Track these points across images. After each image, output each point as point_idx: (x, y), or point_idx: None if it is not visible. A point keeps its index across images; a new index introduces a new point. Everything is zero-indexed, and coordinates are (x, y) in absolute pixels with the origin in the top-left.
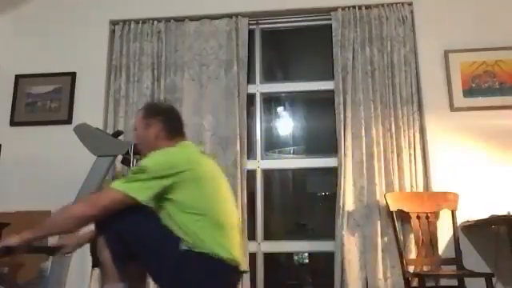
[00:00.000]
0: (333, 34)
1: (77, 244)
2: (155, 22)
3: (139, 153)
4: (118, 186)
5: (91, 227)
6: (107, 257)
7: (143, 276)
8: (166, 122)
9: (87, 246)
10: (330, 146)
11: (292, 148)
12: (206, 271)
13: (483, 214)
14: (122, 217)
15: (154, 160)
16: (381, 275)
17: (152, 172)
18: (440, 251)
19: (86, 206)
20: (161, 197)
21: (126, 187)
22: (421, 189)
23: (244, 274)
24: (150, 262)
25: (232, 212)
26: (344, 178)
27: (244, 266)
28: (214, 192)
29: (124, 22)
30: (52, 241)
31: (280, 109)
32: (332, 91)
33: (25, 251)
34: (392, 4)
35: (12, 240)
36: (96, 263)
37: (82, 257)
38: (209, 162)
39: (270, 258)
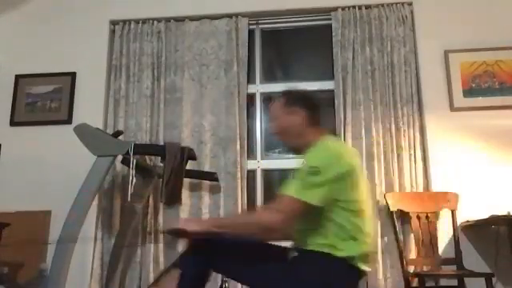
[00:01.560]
0: (333, 34)
1: None
2: (155, 22)
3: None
4: (296, 193)
5: None
6: None
7: None
8: (310, 108)
9: (88, 246)
10: None
11: None
12: (330, 271)
13: (483, 214)
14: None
15: (322, 159)
16: (381, 275)
17: (324, 173)
18: (440, 251)
19: (272, 215)
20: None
21: (304, 195)
22: (421, 189)
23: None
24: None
25: (369, 220)
26: None
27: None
28: (360, 200)
29: (124, 21)
30: None
31: None
32: (332, 91)
33: (202, 236)
34: (392, 4)
35: (199, 226)
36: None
37: (82, 257)
38: (360, 164)
39: None
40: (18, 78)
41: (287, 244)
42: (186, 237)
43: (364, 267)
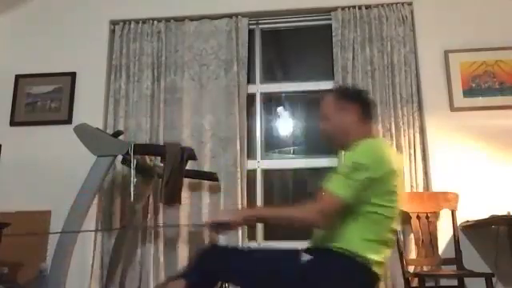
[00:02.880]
0: (333, 34)
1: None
2: (155, 22)
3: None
4: (337, 190)
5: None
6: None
7: None
8: (363, 105)
9: (88, 245)
10: (329, 146)
11: (292, 148)
12: (345, 275)
13: (483, 214)
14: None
15: (367, 154)
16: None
17: (365, 168)
18: (440, 251)
19: (316, 213)
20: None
21: (345, 191)
22: (421, 189)
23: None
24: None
25: (393, 229)
26: None
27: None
28: (395, 206)
29: (124, 21)
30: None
31: (280, 109)
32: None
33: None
34: (392, 4)
35: (235, 216)
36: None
37: (82, 257)
38: (401, 169)
39: None
40: (17, 77)
41: (299, 245)
42: (224, 228)
43: (378, 271)
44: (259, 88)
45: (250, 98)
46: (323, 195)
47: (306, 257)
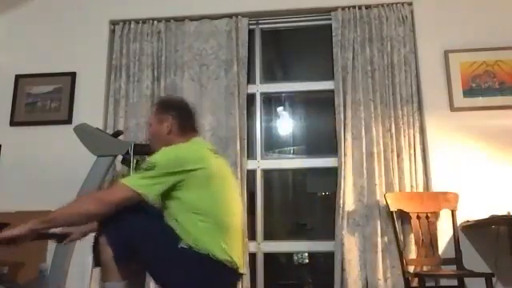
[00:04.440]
0: (333, 34)
1: (81, 232)
2: (155, 22)
3: (144, 152)
4: (128, 182)
5: None
6: (109, 255)
7: (143, 274)
8: (179, 117)
9: (88, 245)
10: (329, 146)
11: (292, 148)
12: (203, 271)
13: (483, 214)
14: (124, 215)
15: (164, 156)
16: (381, 275)
17: (162, 168)
18: (440, 251)
19: (94, 203)
20: (167, 194)
21: (136, 184)
22: (421, 189)
23: (244, 275)
24: (149, 259)
25: (237, 213)
26: (344, 178)
27: (243, 268)
28: (222, 192)
29: (124, 21)
30: (57, 229)
31: (280, 109)
32: (332, 91)
33: (32, 239)
34: (392, 4)
35: (19, 229)
36: (98, 263)
37: (81, 257)
38: (219, 159)
39: (270, 258)
40: (17, 78)
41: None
42: (15, 243)
43: (232, 265)
44: (259, 88)
45: (250, 98)
46: (114, 185)
47: (183, 244)
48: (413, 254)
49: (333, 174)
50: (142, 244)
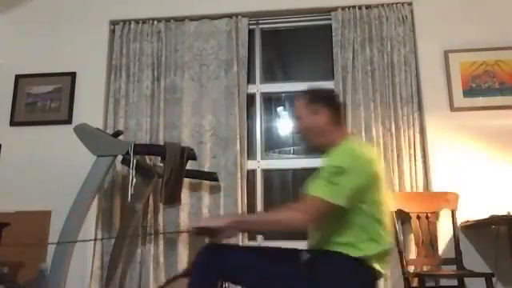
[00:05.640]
0: (333, 34)
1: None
2: (155, 22)
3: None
4: (322, 193)
5: None
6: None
7: None
8: (333, 106)
9: (89, 245)
10: None
11: (292, 148)
12: (346, 272)
13: (483, 214)
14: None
15: (347, 159)
16: None
17: (349, 173)
18: (440, 251)
19: (297, 216)
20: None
21: (330, 194)
22: (421, 189)
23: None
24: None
25: (388, 221)
26: None
27: (384, 270)
28: (383, 200)
29: (124, 21)
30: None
31: (280, 109)
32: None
33: (227, 236)
34: (392, 4)
35: (220, 221)
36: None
37: (82, 257)
38: (380, 162)
39: None
40: (18, 78)
41: (299, 245)
42: (209, 234)
43: (379, 267)
44: (259, 88)
45: (250, 98)
46: (307, 199)
47: (305, 256)
48: (413, 254)
49: None
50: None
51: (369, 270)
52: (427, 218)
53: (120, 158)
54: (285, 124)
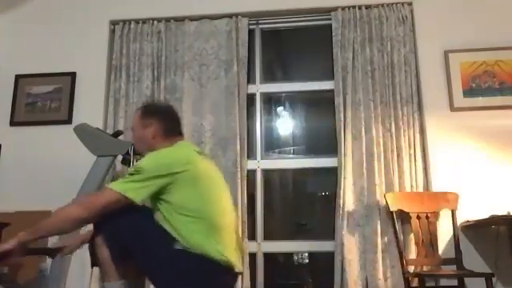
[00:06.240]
0: (333, 34)
1: (76, 245)
2: (155, 22)
3: (140, 153)
4: (114, 186)
5: (90, 227)
6: (106, 255)
7: (141, 273)
8: (163, 121)
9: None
10: (330, 146)
11: (292, 148)
12: (198, 271)
13: (483, 214)
14: (118, 216)
15: (150, 160)
16: (381, 275)
17: (147, 172)
18: (440, 251)
19: (82, 208)
20: (156, 197)
21: (122, 188)
22: (421, 189)
23: (243, 274)
24: (145, 260)
25: (228, 212)
26: (344, 178)
27: (240, 267)
28: (210, 192)
29: (124, 21)
30: (53, 241)
31: (280, 109)
32: (332, 91)
33: (23, 254)
34: (392, 4)
35: (8, 244)
36: (95, 262)
37: (82, 257)
38: (205, 161)
39: (270, 258)
40: (18, 78)
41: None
42: (5, 259)
43: (225, 259)
44: (259, 88)
45: (250, 98)
46: (96, 192)
47: (178, 246)
48: (413, 254)
49: (333, 174)
50: (137, 246)
51: (212, 265)
52: (427, 217)
53: (120, 157)
54: (285, 124)
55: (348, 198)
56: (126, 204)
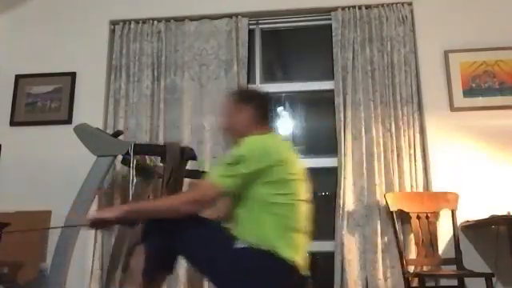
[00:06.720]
0: (333, 34)
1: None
2: (155, 22)
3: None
4: (218, 180)
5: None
6: (139, 266)
7: None
8: (259, 108)
9: (88, 246)
10: (330, 145)
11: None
12: (264, 268)
13: (483, 214)
14: (172, 222)
15: (249, 147)
16: (381, 275)
17: (250, 161)
18: (440, 251)
19: (189, 202)
20: (245, 187)
21: (225, 182)
22: (421, 189)
23: (308, 277)
24: (204, 265)
25: (305, 216)
26: (344, 178)
27: (306, 271)
28: (296, 192)
29: (124, 21)
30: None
31: (280, 109)
32: (332, 91)
33: (118, 223)
34: (392, 4)
35: (111, 212)
36: (125, 268)
37: (82, 257)
38: (296, 159)
39: None
40: (18, 78)
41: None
42: (104, 226)
43: (298, 261)
44: (259, 88)
45: None
46: (201, 184)
47: (240, 244)
48: (413, 254)
49: (333, 174)
50: (194, 252)
51: (286, 268)
52: (427, 217)
53: (120, 157)
54: (285, 124)
55: (348, 198)
56: (227, 195)
